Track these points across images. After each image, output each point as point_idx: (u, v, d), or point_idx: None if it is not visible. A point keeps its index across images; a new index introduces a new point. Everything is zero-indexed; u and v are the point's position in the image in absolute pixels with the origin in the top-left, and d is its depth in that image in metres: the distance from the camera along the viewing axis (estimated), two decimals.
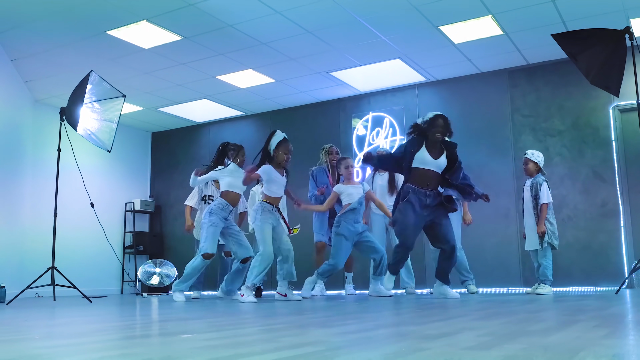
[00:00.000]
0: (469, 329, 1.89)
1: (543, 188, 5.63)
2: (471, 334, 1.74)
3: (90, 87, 5.45)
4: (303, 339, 1.74)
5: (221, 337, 1.86)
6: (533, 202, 5.66)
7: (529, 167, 5.77)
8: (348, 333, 1.87)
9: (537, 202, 5.62)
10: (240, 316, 2.96)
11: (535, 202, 5.64)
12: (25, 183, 7.87)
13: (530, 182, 5.78)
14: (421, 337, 1.68)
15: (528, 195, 5.73)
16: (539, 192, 5.62)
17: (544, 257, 5.56)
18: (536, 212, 5.63)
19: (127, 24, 5.96)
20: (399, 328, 2.03)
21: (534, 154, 5.82)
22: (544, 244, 5.55)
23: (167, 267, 8.37)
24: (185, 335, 1.95)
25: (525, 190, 5.83)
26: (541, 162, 5.80)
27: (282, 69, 7.32)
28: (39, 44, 6.46)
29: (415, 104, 7.98)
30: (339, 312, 3.18)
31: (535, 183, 5.69)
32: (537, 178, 5.72)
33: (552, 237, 5.58)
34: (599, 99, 6.82)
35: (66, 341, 1.97)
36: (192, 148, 9.82)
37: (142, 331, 2.24)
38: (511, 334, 1.74)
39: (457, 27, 6.17)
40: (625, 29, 4.82)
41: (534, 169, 5.76)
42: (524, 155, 5.88)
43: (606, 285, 6.40)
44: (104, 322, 2.80)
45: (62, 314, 3.72)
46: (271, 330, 2.14)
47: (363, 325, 2.22)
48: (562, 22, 6.03)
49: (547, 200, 5.62)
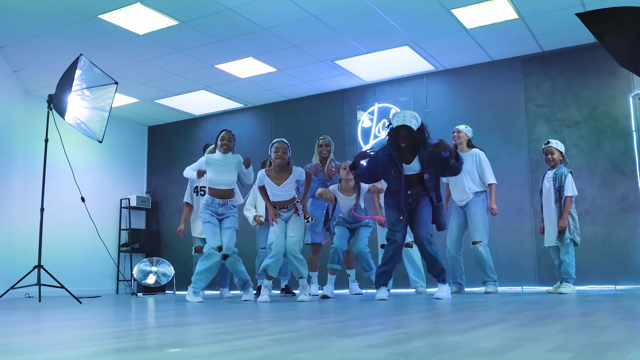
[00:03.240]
0: (528, 338, 1.55)
1: (568, 179, 5.29)
2: (537, 347, 1.39)
3: (79, 73, 5.08)
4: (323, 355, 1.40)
5: (217, 352, 1.51)
6: (556, 194, 5.31)
7: (555, 156, 5.42)
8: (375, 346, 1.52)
9: (560, 195, 5.27)
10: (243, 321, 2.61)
11: (559, 194, 5.29)
12: (15, 178, 7.53)
13: (552, 173, 5.42)
14: (473, 354, 1.33)
15: (550, 186, 5.38)
16: (564, 184, 5.27)
17: (566, 254, 5.20)
18: (559, 205, 5.27)
19: (119, 7, 5.60)
20: (436, 338, 1.68)
21: (558, 143, 5.49)
22: (566, 239, 5.20)
23: (163, 266, 8.02)
24: (174, 350, 1.59)
25: (546, 181, 5.46)
26: (564, 152, 5.47)
27: (284, 56, 6.96)
28: (27, 30, 6.09)
29: (424, 95, 7.62)
30: (353, 315, 2.82)
31: (560, 174, 5.34)
32: (561, 169, 5.38)
33: (575, 232, 5.23)
34: (617, 88, 6.48)
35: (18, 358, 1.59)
36: (190, 142, 9.44)
37: (121, 342, 1.88)
38: (588, 346, 1.39)
39: (471, 11, 5.82)
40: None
41: (558, 159, 5.42)
42: (547, 145, 5.50)
43: (627, 284, 6.06)
44: (83, 329, 2.45)
45: (43, 318, 3.36)
46: (282, 341, 1.78)
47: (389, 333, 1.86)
48: (582, 5, 5.67)
49: (573, 192, 5.28)
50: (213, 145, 5.82)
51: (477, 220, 5.58)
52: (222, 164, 5.09)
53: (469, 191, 5.61)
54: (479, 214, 5.58)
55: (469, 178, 5.62)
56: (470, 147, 5.76)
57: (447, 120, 6.98)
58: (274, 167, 4.89)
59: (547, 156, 5.48)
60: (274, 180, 4.85)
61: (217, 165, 5.08)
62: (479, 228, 5.57)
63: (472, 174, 5.64)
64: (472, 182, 5.64)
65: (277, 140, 4.91)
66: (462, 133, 5.74)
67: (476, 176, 5.66)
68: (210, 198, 5.11)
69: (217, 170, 5.07)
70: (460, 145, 5.70)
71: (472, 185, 5.63)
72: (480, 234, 5.55)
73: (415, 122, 4.57)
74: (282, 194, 4.86)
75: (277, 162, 4.83)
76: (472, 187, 5.63)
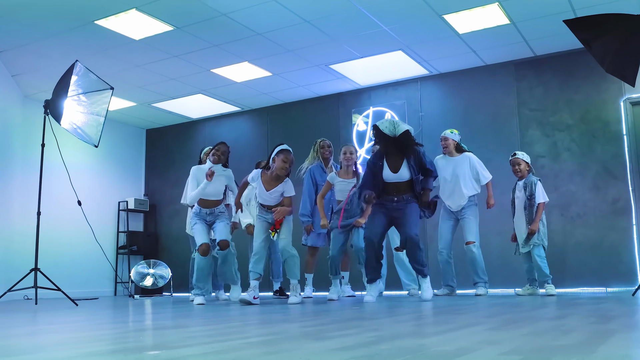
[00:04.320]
0: (489, 342, 1.61)
1: (539, 187, 5.51)
2: (492, 350, 1.46)
3: (75, 79, 5.16)
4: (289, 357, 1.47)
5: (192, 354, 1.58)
6: (526, 201, 5.46)
7: (522, 167, 5.63)
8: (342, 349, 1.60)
9: (531, 202, 5.47)
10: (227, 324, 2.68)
11: (529, 201, 5.47)
12: (14, 181, 7.61)
13: (522, 182, 5.61)
14: (430, 356, 1.40)
15: (522, 195, 5.55)
16: (534, 191, 5.46)
17: (538, 257, 5.42)
18: (528, 212, 5.46)
19: (115, 13, 5.68)
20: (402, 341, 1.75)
21: (524, 155, 5.70)
22: (535, 243, 5.37)
23: (161, 268, 8.10)
24: (153, 352, 1.66)
25: (518, 190, 5.65)
26: (529, 162, 5.71)
27: (279, 61, 7.04)
28: (25, 35, 6.18)
29: (418, 98, 7.69)
30: (335, 318, 2.89)
31: (530, 182, 5.54)
32: (531, 177, 5.59)
33: (544, 238, 5.48)
34: (609, 92, 6.55)
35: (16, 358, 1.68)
36: (188, 145, 9.53)
37: (106, 344, 1.96)
38: (539, 349, 1.46)
39: (462, 16, 5.89)
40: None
41: (525, 170, 5.62)
42: (514, 157, 5.69)
43: (618, 286, 6.13)
44: (73, 332, 2.52)
45: (37, 319, 3.44)
46: (256, 344, 1.86)
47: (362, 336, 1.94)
48: (572, 10, 5.75)
49: (544, 199, 5.53)
50: (209, 147, 5.93)
51: (471, 222, 5.67)
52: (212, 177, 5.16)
53: (466, 196, 5.69)
54: (473, 216, 5.67)
55: (465, 183, 5.70)
56: (459, 152, 5.83)
57: (442, 124, 7.05)
58: (271, 172, 4.93)
59: (514, 167, 5.66)
60: (265, 184, 4.92)
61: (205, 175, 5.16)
62: (473, 229, 5.66)
63: (467, 178, 5.71)
64: (467, 187, 5.72)
65: (286, 149, 4.88)
66: (450, 140, 5.81)
67: (471, 179, 5.73)
68: (198, 208, 5.27)
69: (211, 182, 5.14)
70: (449, 152, 5.78)
71: (468, 190, 5.71)
72: (474, 235, 5.64)
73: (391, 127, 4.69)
74: (269, 199, 4.95)
75: (279, 172, 4.85)
76: (468, 192, 5.71)
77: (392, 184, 4.82)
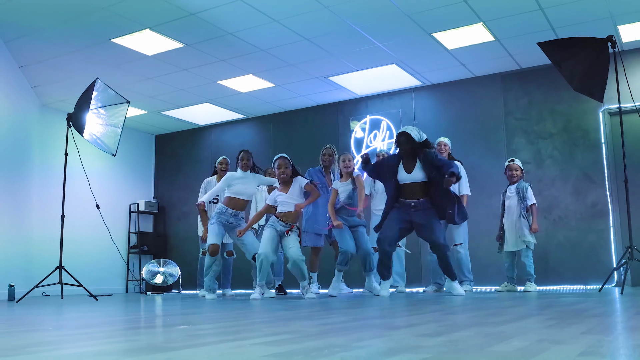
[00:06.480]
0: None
1: (530, 191, 5.94)
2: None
3: (95, 94, 5.67)
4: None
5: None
6: (520, 205, 5.86)
7: (518, 173, 6.01)
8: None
9: (524, 205, 5.86)
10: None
11: (523, 205, 5.86)
12: (32, 186, 8.07)
13: (514, 187, 5.99)
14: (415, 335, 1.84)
15: (515, 199, 5.93)
16: (527, 195, 5.86)
17: (527, 257, 5.85)
18: (523, 215, 5.85)
19: (131, 32, 6.18)
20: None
21: (519, 161, 6.09)
22: (529, 242, 5.81)
23: (170, 267, 8.59)
24: (182, 327, 2.15)
25: (510, 193, 6.02)
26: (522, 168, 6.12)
27: (281, 74, 7.53)
28: (47, 51, 6.69)
29: (412, 107, 8.17)
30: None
31: (522, 187, 5.94)
32: (522, 183, 5.99)
33: (533, 236, 5.90)
34: (589, 102, 6.98)
35: (75, 331, 2.18)
36: (195, 150, 10.05)
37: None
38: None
39: (450, 34, 6.37)
40: (608, 37, 5.01)
41: (520, 175, 6.02)
42: (511, 162, 6.05)
43: (596, 284, 6.56)
44: (119, 324, 2.99)
45: (70, 310, 3.93)
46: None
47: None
48: (552, 29, 6.21)
49: (535, 201, 5.93)
50: (223, 157, 6.75)
51: (458, 225, 6.11)
52: (244, 180, 5.66)
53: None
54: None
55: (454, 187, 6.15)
56: (450, 159, 6.28)
57: (434, 132, 7.48)
58: (279, 182, 5.38)
59: (511, 172, 6.01)
60: (282, 191, 5.34)
61: (240, 180, 5.63)
62: (460, 232, 6.12)
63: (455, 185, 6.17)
64: (456, 191, 6.16)
65: (279, 157, 5.34)
66: (448, 146, 6.29)
67: (459, 184, 6.18)
68: (224, 207, 5.59)
69: (241, 184, 5.61)
70: (445, 157, 6.23)
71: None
72: (461, 237, 6.11)
73: (416, 133, 5.13)
74: (290, 202, 5.25)
75: (281, 179, 5.31)
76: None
77: (406, 186, 5.13)
